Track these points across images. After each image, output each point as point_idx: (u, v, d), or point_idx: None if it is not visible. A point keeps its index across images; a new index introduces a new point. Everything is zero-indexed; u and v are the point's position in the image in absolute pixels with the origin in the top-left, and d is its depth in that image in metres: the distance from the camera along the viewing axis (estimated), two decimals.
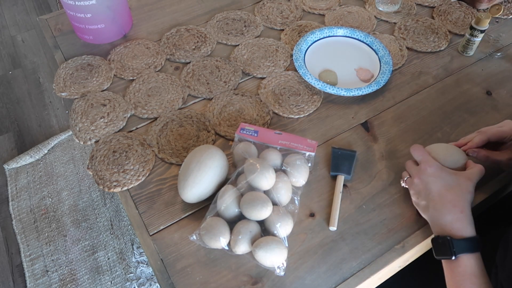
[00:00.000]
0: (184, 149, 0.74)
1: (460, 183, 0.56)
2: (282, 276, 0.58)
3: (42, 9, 2.38)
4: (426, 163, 0.60)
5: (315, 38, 0.93)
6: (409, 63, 0.89)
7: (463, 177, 0.57)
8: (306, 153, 0.68)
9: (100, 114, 0.80)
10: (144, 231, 0.64)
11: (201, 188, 0.63)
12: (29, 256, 1.39)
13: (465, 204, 0.55)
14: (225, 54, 0.92)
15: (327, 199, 0.67)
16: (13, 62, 2.06)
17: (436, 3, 1.03)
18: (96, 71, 0.88)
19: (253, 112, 0.79)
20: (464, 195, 0.55)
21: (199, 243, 0.59)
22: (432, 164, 0.59)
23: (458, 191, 0.56)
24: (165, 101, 0.82)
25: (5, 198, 1.54)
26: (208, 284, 0.58)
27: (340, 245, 0.62)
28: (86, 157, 1.65)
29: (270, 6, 1.04)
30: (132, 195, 0.69)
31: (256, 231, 0.59)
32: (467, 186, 0.56)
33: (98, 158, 0.73)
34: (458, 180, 0.57)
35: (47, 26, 1.00)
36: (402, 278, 0.69)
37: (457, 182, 0.57)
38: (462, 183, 0.56)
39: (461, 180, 0.57)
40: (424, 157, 0.60)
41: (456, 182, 0.56)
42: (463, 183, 0.56)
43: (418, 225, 0.64)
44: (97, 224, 1.46)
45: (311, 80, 0.82)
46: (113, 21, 0.92)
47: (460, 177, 0.57)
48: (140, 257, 1.39)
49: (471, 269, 0.52)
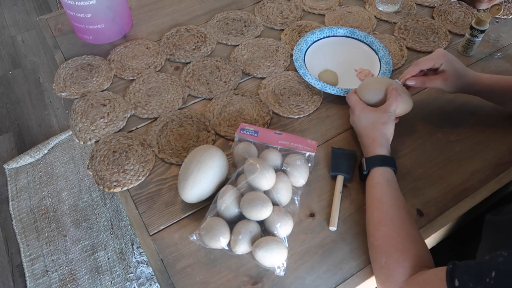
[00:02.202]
0: (184, 149, 0.74)
1: (376, 118, 0.68)
2: (282, 276, 0.58)
3: (42, 9, 2.38)
4: (354, 107, 0.71)
5: (315, 38, 0.93)
6: (409, 63, 0.89)
7: (380, 111, 0.68)
8: (306, 153, 0.68)
9: (100, 114, 0.80)
10: (144, 231, 0.64)
11: (201, 188, 0.63)
12: (29, 256, 1.39)
13: (376, 133, 0.67)
14: (225, 54, 0.92)
15: (327, 199, 0.67)
16: (13, 62, 2.06)
17: (436, 3, 1.03)
18: (96, 71, 0.88)
19: (253, 112, 0.79)
20: (378, 127, 0.67)
21: (199, 243, 0.59)
22: (356, 108, 0.71)
23: (373, 125, 0.68)
24: (165, 101, 0.82)
25: (5, 198, 1.54)
26: (208, 284, 0.58)
27: (340, 245, 0.62)
28: (86, 157, 1.65)
29: (270, 6, 1.04)
30: (132, 195, 0.69)
31: (256, 231, 0.59)
32: (382, 118, 0.68)
33: (98, 158, 0.73)
34: (375, 117, 0.68)
35: (47, 26, 1.00)
36: None
37: (375, 118, 0.68)
38: (379, 118, 0.68)
39: (378, 115, 0.68)
40: (352, 103, 0.72)
41: (373, 119, 0.68)
42: (379, 118, 0.68)
43: (418, 225, 0.64)
44: (97, 224, 1.46)
45: (311, 80, 0.82)
46: (113, 21, 0.92)
47: (377, 112, 0.69)
48: (140, 257, 1.39)
49: (377, 179, 0.63)
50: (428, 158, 0.73)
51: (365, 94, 0.72)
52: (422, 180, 0.69)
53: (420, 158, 0.73)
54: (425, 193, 0.68)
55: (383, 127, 0.67)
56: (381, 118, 0.68)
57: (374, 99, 0.72)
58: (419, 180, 0.70)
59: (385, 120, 0.67)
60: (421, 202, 0.67)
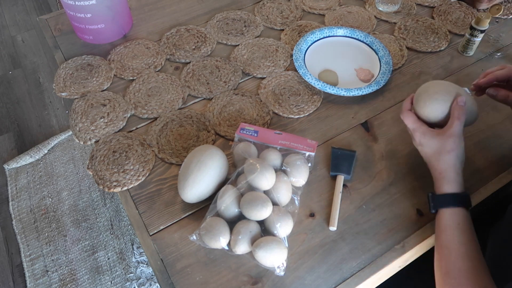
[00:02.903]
0: (184, 149, 0.74)
1: (440, 146, 0.58)
2: (282, 276, 0.58)
3: (42, 9, 2.38)
4: (413, 131, 0.62)
5: (315, 38, 0.93)
6: (409, 63, 0.89)
7: (444, 136, 0.59)
8: (306, 153, 0.68)
9: (100, 114, 0.80)
10: (144, 231, 0.64)
11: (201, 188, 0.63)
12: (29, 256, 1.39)
13: (443, 165, 0.58)
14: (225, 54, 0.92)
15: (327, 199, 0.67)
16: (13, 62, 2.06)
17: (436, 3, 1.03)
18: (96, 71, 0.88)
19: (253, 112, 0.79)
20: (444, 157, 0.58)
21: (199, 243, 0.59)
22: (416, 133, 0.62)
23: (439, 154, 0.59)
24: (165, 101, 0.82)
25: (5, 198, 1.54)
26: (208, 284, 0.58)
27: (340, 245, 0.62)
28: (86, 157, 1.65)
29: (270, 6, 1.04)
30: (132, 195, 0.69)
31: (256, 231, 0.59)
32: (447, 145, 0.58)
33: (98, 158, 0.73)
34: (438, 144, 0.59)
35: (47, 26, 1.00)
36: (402, 278, 0.69)
37: (438, 145, 0.59)
38: (443, 145, 0.58)
39: (441, 141, 0.59)
40: (409, 126, 0.63)
41: (437, 146, 0.59)
42: (444, 145, 0.58)
43: (418, 225, 0.64)
44: (97, 224, 1.46)
45: (311, 80, 0.82)
46: (113, 21, 0.92)
47: (441, 138, 0.59)
48: (140, 257, 1.39)
49: (445, 222, 0.56)
50: None
51: (423, 109, 0.61)
52: (422, 180, 0.69)
53: (420, 158, 0.72)
54: (425, 193, 0.68)
55: (450, 156, 0.58)
56: (446, 145, 0.58)
57: (435, 115, 0.61)
58: (419, 180, 0.70)
59: (451, 147, 0.58)
60: (421, 202, 0.67)
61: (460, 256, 0.53)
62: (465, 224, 0.55)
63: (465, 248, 0.53)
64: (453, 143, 0.58)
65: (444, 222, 0.57)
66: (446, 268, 0.54)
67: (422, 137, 0.60)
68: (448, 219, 0.56)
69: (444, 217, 0.57)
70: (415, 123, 0.62)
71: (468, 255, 0.53)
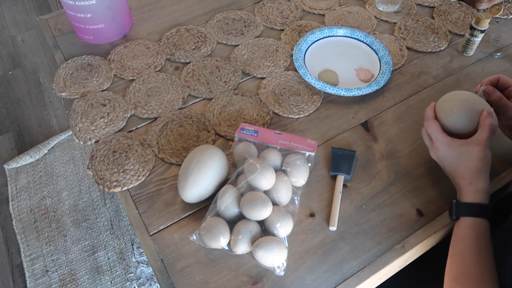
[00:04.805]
0: (184, 149, 0.74)
1: (469, 155, 0.57)
2: (282, 276, 0.58)
3: (42, 9, 2.38)
4: (436, 141, 0.61)
5: (315, 38, 0.93)
6: (409, 63, 0.89)
7: (473, 145, 0.57)
8: (306, 153, 0.68)
9: (100, 114, 0.80)
10: (144, 231, 0.64)
11: (201, 188, 0.63)
12: (29, 256, 1.39)
13: (473, 174, 0.57)
14: (225, 54, 0.92)
15: (327, 199, 0.67)
16: (13, 62, 2.06)
17: (436, 3, 1.03)
18: (96, 71, 0.88)
19: (253, 112, 0.79)
20: (475, 165, 0.57)
21: (199, 243, 0.59)
22: (439, 143, 0.60)
23: (468, 163, 0.57)
24: (165, 101, 0.82)
25: (5, 198, 1.54)
26: (208, 284, 0.58)
27: (340, 245, 0.62)
28: (86, 157, 1.65)
29: (270, 6, 1.04)
30: (132, 195, 0.69)
31: (256, 231, 0.59)
32: (477, 153, 0.57)
33: (98, 158, 0.73)
34: (467, 152, 0.57)
35: (47, 26, 1.00)
36: (402, 278, 0.69)
37: (467, 154, 0.57)
38: (473, 154, 0.57)
39: (470, 150, 0.57)
40: (434, 135, 0.61)
41: (466, 155, 0.57)
42: (474, 154, 0.57)
43: (418, 225, 0.64)
44: (97, 224, 1.46)
45: (311, 80, 0.82)
46: (113, 21, 0.92)
47: (470, 146, 0.57)
48: (140, 257, 1.39)
49: (465, 231, 0.55)
50: (428, 158, 0.72)
51: (449, 118, 0.61)
52: (422, 180, 0.69)
53: (420, 158, 0.73)
54: (425, 193, 0.68)
55: (480, 163, 0.57)
56: (476, 153, 0.57)
57: (461, 124, 0.60)
58: (419, 180, 0.70)
59: (481, 156, 0.57)
60: (421, 202, 0.67)
61: (471, 263, 0.53)
62: (484, 235, 0.54)
63: (479, 256, 0.53)
64: (483, 151, 0.57)
65: (463, 230, 0.55)
66: (455, 273, 0.53)
67: (447, 147, 0.59)
68: (468, 228, 0.55)
69: (464, 225, 0.56)
70: (439, 133, 0.60)
71: (479, 262, 0.52)
